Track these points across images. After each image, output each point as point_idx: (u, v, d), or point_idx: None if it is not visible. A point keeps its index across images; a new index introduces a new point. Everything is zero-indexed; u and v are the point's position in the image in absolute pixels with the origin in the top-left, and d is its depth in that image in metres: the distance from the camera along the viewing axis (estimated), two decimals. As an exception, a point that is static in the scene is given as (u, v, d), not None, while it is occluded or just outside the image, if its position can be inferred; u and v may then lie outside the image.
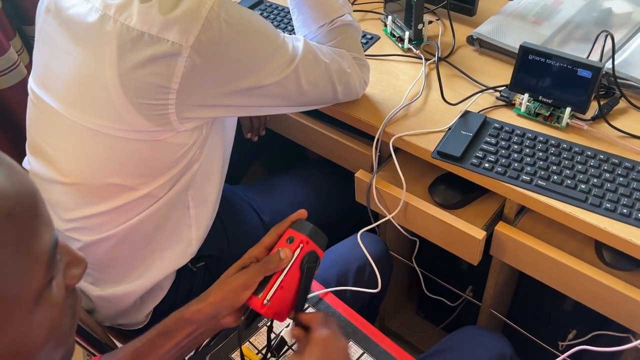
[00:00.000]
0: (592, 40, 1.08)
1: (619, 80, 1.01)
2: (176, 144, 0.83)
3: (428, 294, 1.29)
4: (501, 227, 0.94)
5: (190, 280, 1.01)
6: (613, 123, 0.97)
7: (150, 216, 0.87)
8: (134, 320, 0.96)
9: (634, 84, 1.02)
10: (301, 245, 0.72)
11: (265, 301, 0.69)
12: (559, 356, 0.86)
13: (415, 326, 1.47)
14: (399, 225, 1.06)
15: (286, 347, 0.81)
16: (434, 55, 1.15)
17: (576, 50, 1.10)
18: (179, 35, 0.73)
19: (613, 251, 0.87)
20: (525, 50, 0.96)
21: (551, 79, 0.96)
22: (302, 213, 0.76)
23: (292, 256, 0.71)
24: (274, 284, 0.70)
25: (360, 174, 1.05)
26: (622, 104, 1.01)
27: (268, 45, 0.83)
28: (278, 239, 0.74)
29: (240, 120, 1.16)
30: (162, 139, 0.81)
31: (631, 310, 0.85)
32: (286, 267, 0.70)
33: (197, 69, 0.76)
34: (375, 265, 1.01)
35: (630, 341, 0.98)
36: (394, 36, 1.21)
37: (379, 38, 1.23)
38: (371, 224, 1.09)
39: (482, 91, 1.05)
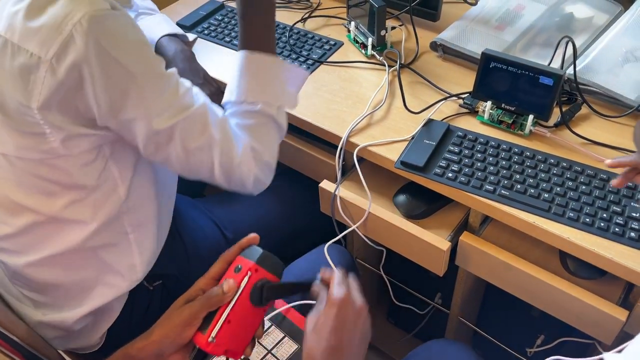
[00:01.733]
0: (555, 45, 1.08)
1: (580, 87, 1.01)
2: (73, 164, 0.78)
3: (397, 302, 1.27)
4: (466, 237, 0.93)
5: (147, 300, 0.97)
6: (575, 130, 0.97)
7: (82, 241, 0.83)
8: (86, 344, 0.93)
9: (595, 89, 1.02)
10: (249, 273, 0.67)
11: (210, 338, 0.64)
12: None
13: (387, 334, 1.46)
14: (364, 235, 1.04)
15: None
16: (396, 62, 1.13)
17: (539, 56, 1.09)
18: (39, 46, 0.68)
19: (577, 260, 0.87)
20: (487, 57, 0.95)
21: (513, 86, 0.95)
22: (254, 238, 0.71)
23: (238, 287, 0.66)
24: (219, 319, 0.65)
25: (324, 184, 1.03)
26: (584, 110, 1.01)
27: (149, 80, 0.74)
28: (227, 268, 0.70)
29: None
30: (53, 159, 0.76)
31: (595, 319, 0.85)
32: (232, 299, 0.66)
33: (56, 88, 0.69)
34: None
35: (595, 348, 0.98)
36: (357, 42, 1.19)
37: (342, 44, 1.21)
38: (337, 235, 1.06)
39: (445, 99, 1.04)
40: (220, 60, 1.19)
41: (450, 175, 0.92)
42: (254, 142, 0.83)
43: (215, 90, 1.11)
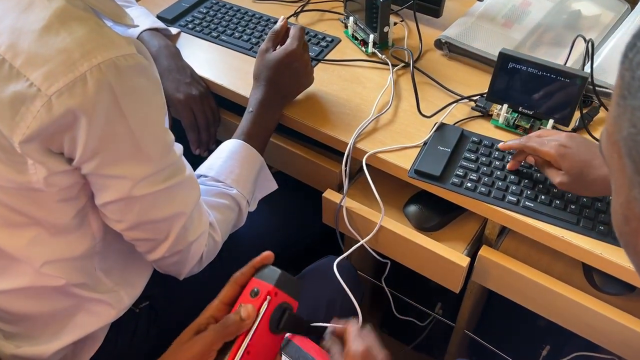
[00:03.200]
0: (563, 44, 1.03)
1: (597, 89, 0.95)
2: (51, 198, 0.68)
3: (398, 315, 1.20)
4: (485, 252, 0.87)
5: (133, 323, 0.87)
6: (595, 134, 0.91)
7: (62, 269, 0.73)
8: (68, 378, 0.82)
9: (611, 91, 0.96)
10: (268, 298, 0.59)
11: None
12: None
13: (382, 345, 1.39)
14: (372, 249, 0.96)
15: None
16: (401, 61, 1.05)
17: (548, 55, 1.04)
18: (43, 78, 0.58)
19: (604, 275, 0.82)
20: (505, 57, 0.89)
21: (533, 88, 0.89)
22: (268, 256, 0.64)
23: (258, 313, 0.58)
24: (237, 351, 0.57)
25: (328, 194, 0.95)
26: (602, 113, 0.96)
27: (152, 148, 0.67)
28: (240, 291, 0.61)
29: (186, 134, 1.02)
30: (31, 191, 0.66)
31: (624, 338, 0.80)
32: (251, 327, 0.58)
33: (47, 125, 0.60)
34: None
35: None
36: (356, 39, 1.11)
37: (340, 41, 1.12)
38: (340, 247, 0.98)
39: (456, 101, 0.97)
40: (207, 58, 1.09)
41: (469, 185, 0.85)
42: (216, 222, 0.81)
43: (204, 90, 1.01)
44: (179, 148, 0.74)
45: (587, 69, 0.93)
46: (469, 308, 1.06)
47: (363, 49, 1.09)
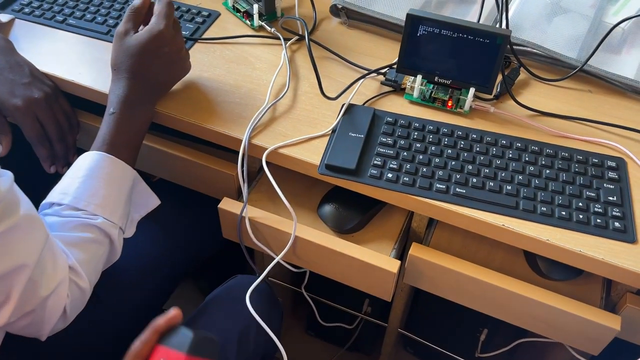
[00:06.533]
0: (470, 0, 0.91)
1: (514, 48, 0.85)
2: None
3: (323, 323, 1.07)
4: (416, 250, 0.74)
5: None
6: (518, 99, 0.81)
7: None
8: None
9: (531, 49, 0.87)
10: None
11: None
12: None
13: (310, 349, 1.26)
14: (289, 263, 0.81)
15: None
16: (294, 34, 0.89)
17: (456, 14, 0.92)
18: None
19: (548, 260, 0.72)
20: (414, 20, 0.75)
21: (449, 54, 0.77)
22: (175, 317, 0.51)
23: None
24: None
25: (225, 204, 0.78)
26: (523, 75, 0.86)
27: None
28: None
29: (34, 149, 0.81)
30: None
31: (582, 330, 0.71)
32: None
33: None
34: (265, 323, 0.75)
35: (562, 346, 0.86)
36: (238, 11, 0.93)
37: (219, 15, 0.94)
38: (248, 264, 0.82)
39: (363, 77, 0.83)
40: (51, 49, 0.86)
41: (390, 175, 0.72)
42: (79, 263, 0.63)
43: (50, 91, 0.80)
44: (5, 179, 0.54)
45: (501, 26, 0.83)
46: (401, 308, 0.94)
47: (248, 22, 0.92)
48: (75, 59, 0.85)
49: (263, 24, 0.90)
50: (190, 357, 0.49)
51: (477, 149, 0.75)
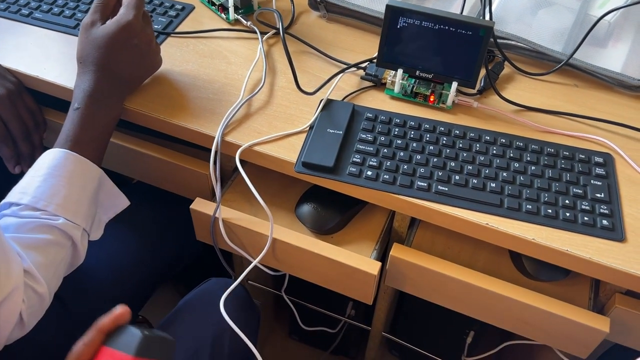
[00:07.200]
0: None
1: (498, 41, 0.82)
2: None
3: (305, 327, 1.03)
4: (397, 251, 0.71)
5: None
6: (503, 94, 0.78)
7: None
8: None
9: (515, 43, 0.84)
10: None
11: None
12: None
13: (294, 353, 1.22)
14: (266, 267, 0.78)
15: None
16: (271, 27, 0.86)
17: (438, 6, 0.89)
18: None
19: (535, 260, 0.69)
20: (394, 11, 0.72)
21: (430, 47, 0.74)
22: (122, 314, 0.48)
23: None
24: None
25: (197, 205, 0.74)
26: (507, 69, 0.83)
27: None
28: None
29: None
30: None
31: (570, 333, 0.68)
32: None
33: None
34: (241, 328, 0.71)
35: (549, 348, 0.83)
36: (213, 4, 0.90)
37: (193, 8, 0.90)
38: (224, 269, 0.79)
39: (342, 71, 0.80)
40: (15, 44, 0.82)
41: (369, 173, 0.69)
42: (36, 267, 0.59)
43: (14, 87, 0.76)
44: None
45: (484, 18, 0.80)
46: (384, 311, 0.91)
47: (223, 15, 0.88)
48: (40, 53, 0.81)
49: (239, 17, 0.87)
50: (137, 359, 0.45)
51: (460, 145, 0.72)
